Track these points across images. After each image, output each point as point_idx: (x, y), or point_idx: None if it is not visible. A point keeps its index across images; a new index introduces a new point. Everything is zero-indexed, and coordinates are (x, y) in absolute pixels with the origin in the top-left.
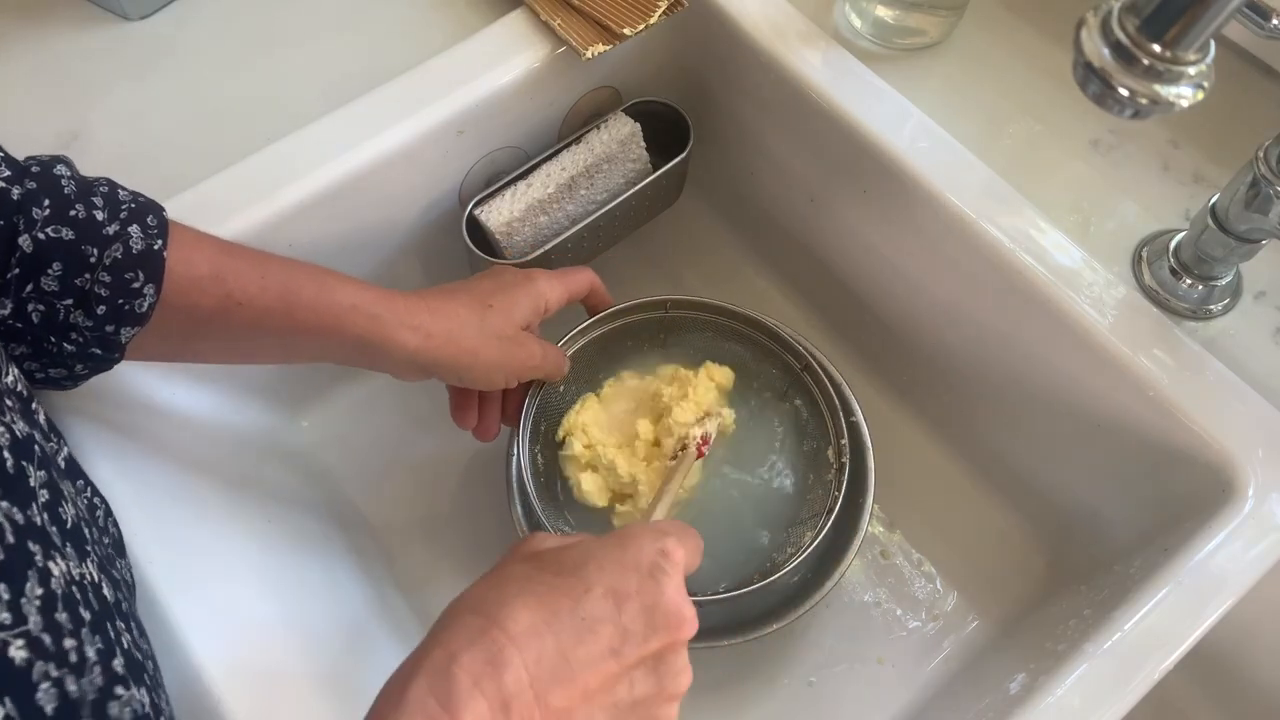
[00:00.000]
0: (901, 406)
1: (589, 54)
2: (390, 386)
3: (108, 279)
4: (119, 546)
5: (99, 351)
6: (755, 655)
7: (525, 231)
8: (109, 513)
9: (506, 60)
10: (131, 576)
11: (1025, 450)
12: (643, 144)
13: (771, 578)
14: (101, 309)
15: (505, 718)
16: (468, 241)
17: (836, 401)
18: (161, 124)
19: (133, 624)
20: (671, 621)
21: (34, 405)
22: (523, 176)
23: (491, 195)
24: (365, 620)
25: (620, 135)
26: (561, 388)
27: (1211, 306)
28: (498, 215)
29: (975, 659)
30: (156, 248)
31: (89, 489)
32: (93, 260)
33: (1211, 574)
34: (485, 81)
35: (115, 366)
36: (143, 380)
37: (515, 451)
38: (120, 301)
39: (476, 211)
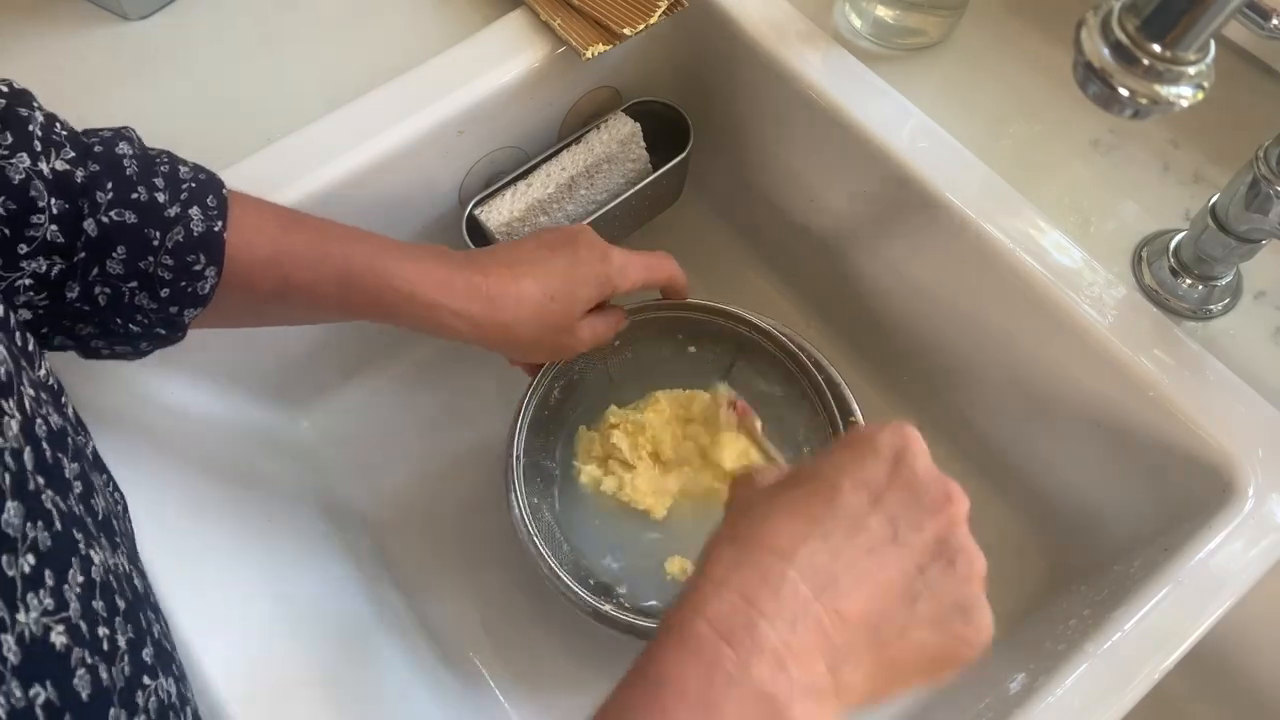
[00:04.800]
0: (901, 406)
1: (589, 54)
2: (391, 386)
3: (170, 262)
4: (133, 542)
5: (163, 331)
6: None
7: (525, 231)
8: (126, 508)
9: (506, 60)
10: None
11: (1025, 450)
12: (643, 144)
13: None
14: (165, 291)
15: (793, 635)
16: (468, 242)
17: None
18: (161, 124)
19: (161, 616)
20: (938, 497)
21: (64, 399)
22: (523, 176)
23: (491, 195)
24: (365, 619)
25: (620, 135)
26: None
27: (1211, 306)
28: (498, 215)
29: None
30: (217, 229)
31: (111, 483)
32: (155, 243)
33: (1211, 574)
34: (485, 81)
35: (118, 364)
36: (144, 379)
37: (515, 451)
38: (183, 284)
39: (476, 211)
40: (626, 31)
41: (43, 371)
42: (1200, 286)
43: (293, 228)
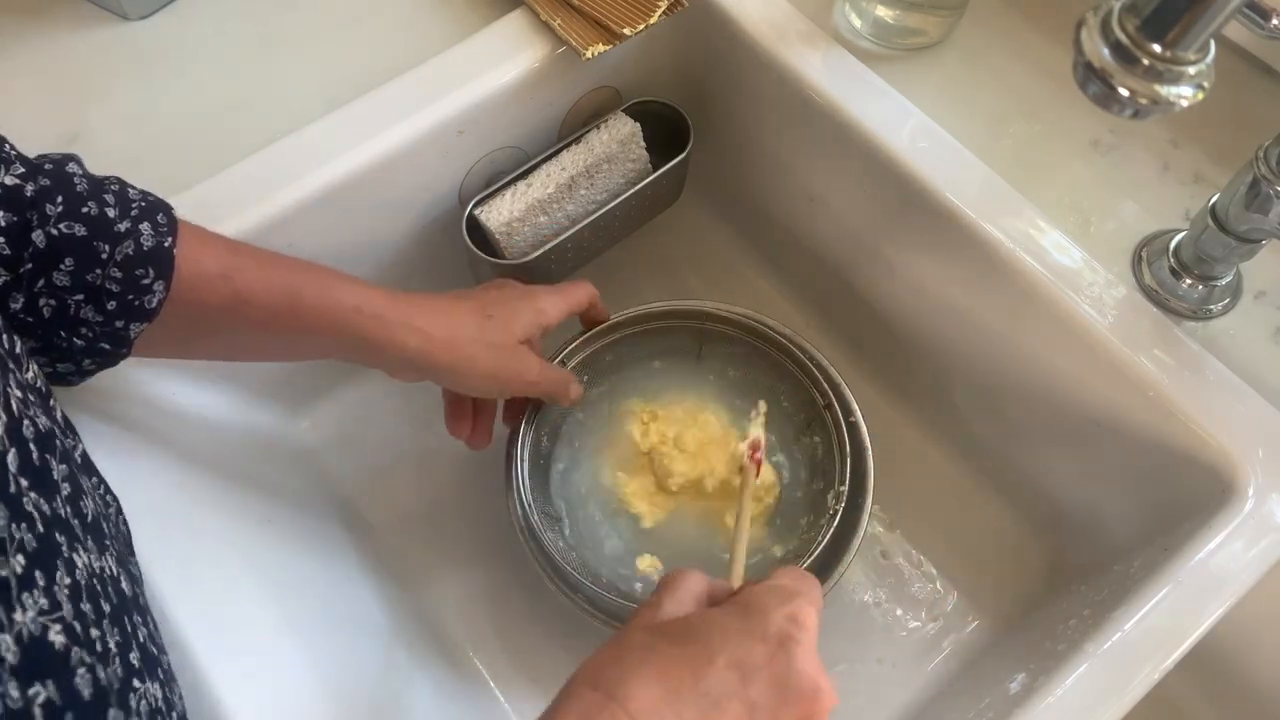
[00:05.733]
0: (901, 406)
1: (589, 54)
2: (391, 386)
3: (119, 274)
4: (128, 544)
5: (107, 346)
6: None
7: (525, 231)
8: (119, 510)
9: (506, 60)
10: (139, 573)
11: (1025, 450)
12: (643, 144)
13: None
14: (112, 304)
15: None
16: (468, 241)
17: (849, 446)
18: (161, 124)
19: (149, 619)
20: (806, 695)
21: (52, 402)
22: (523, 176)
23: (491, 195)
24: (365, 618)
25: (620, 135)
26: (579, 413)
27: (1211, 306)
28: (498, 215)
29: (975, 659)
30: (167, 245)
31: (102, 486)
32: (104, 256)
33: (1211, 574)
34: (485, 81)
35: (120, 364)
36: (144, 379)
37: (515, 451)
38: (130, 297)
39: (476, 211)
40: (626, 31)
41: (30, 373)
42: (1200, 286)
43: (241, 249)
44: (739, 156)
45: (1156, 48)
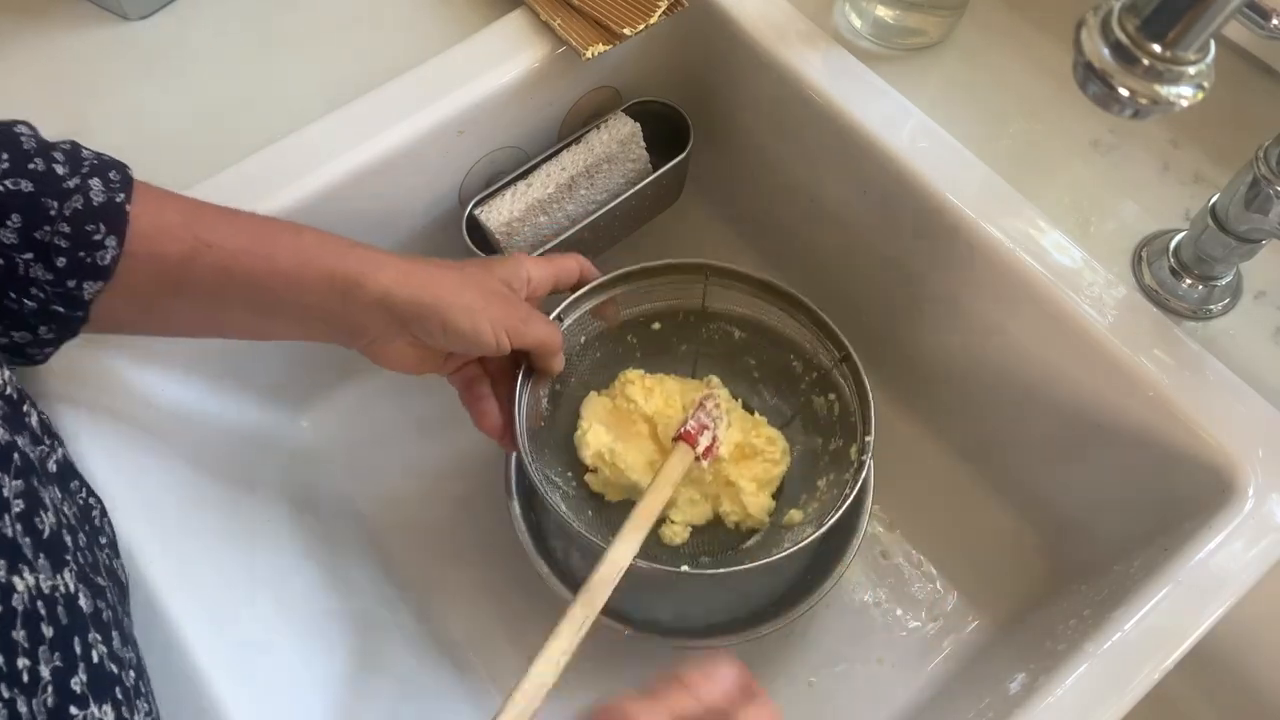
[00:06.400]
0: (901, 406)
1: (589, 54)
2: (390, 385)
3: (67, 230)
4: (114, 546)
5: (61, 309)
6: (755, 655)
7: (525, 231)
8: (104, 513)
9: (506, 60)
10: (126, 577)
11: (1025, 450)
12: (643, 144)
13: (768, 559)
14: (61, 261)
15: None
16: (468, 241)
17: (870, 397)
18: (161, 124)
19: (115, 633)
20: None
21: (25, 408)
22: (523, 176)
23: (491, 195)
24: (364, 618)
25: (620, 135)
26: (557, 383)
27: (1211, 306)
28: (498, 215)
29: (975, 659)
30: (119, 200)
31: (84, 489)
32: (52, 213)
33: (1211, 574)
34: (485, 81)
35: (118, 364)
36: (143, 378)
37: (513, 450)
38: (81, 254)
39: (476, 211)
40: (626, 31)
41: None
42: (1200, 286)
43: (203, 203)
44: (739, 156)
45: (1156, 48)
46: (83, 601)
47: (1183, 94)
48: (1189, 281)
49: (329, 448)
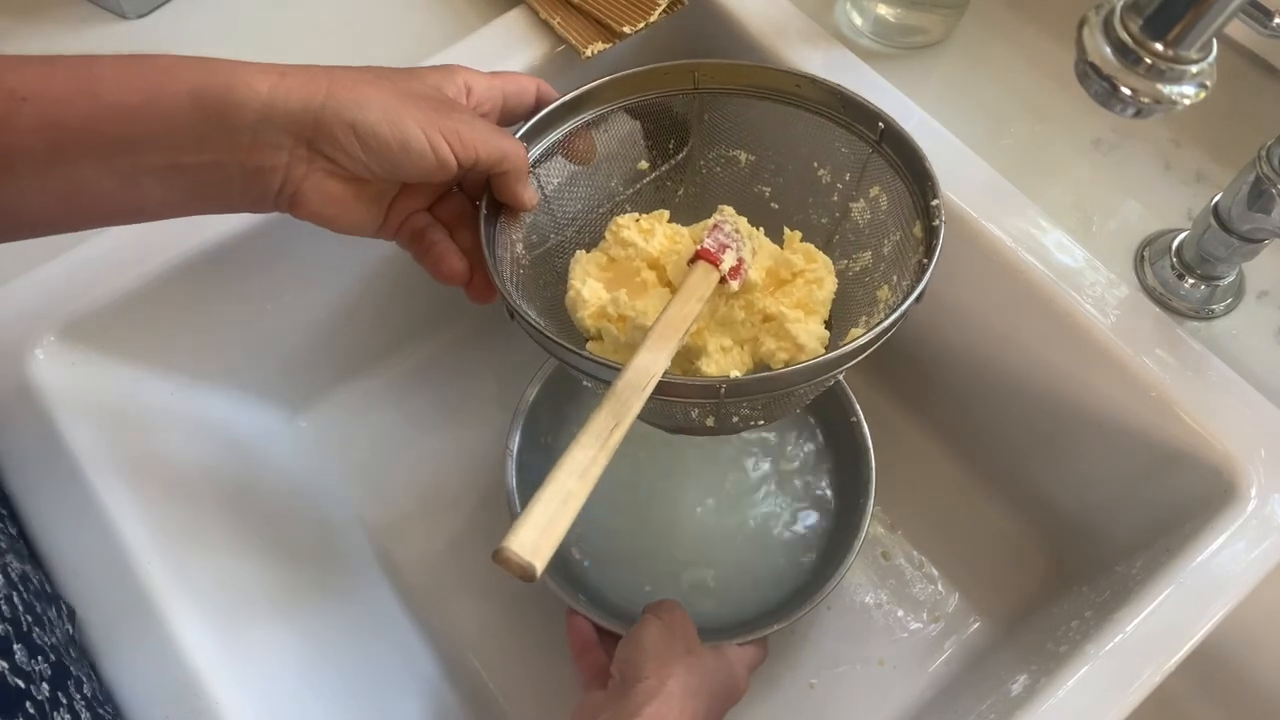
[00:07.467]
0: (902, 407)
1: (588, 52)
2: (389, 386)
3: None
4: (16, 551)
5: None
6: None
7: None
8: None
9: (506, 59)
10: (41, 579)
11: (1027, 451)
12: (643, 143)
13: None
14: None
15: None
16: None
17: (926, 161)
18: None
19: (18, 647)
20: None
21: None
22: None
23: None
24: (362, 619)
25: (620, 134)
26: (534, 236)
27: (1214, 306)
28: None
29: (977, 660)
30: None
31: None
32: None
33: (1213, 575)
34: None
35: (118, 364)
36: (140, 379)
37: (512, 448)
38: None
39: None
40: (626, 30)
41: None
42: (1203, 286)
43: (6, 55)
44: None
45: (1159, 47)
46: None
47: (1185, 93)
48: (1191, 281)
49: (326, 448)
